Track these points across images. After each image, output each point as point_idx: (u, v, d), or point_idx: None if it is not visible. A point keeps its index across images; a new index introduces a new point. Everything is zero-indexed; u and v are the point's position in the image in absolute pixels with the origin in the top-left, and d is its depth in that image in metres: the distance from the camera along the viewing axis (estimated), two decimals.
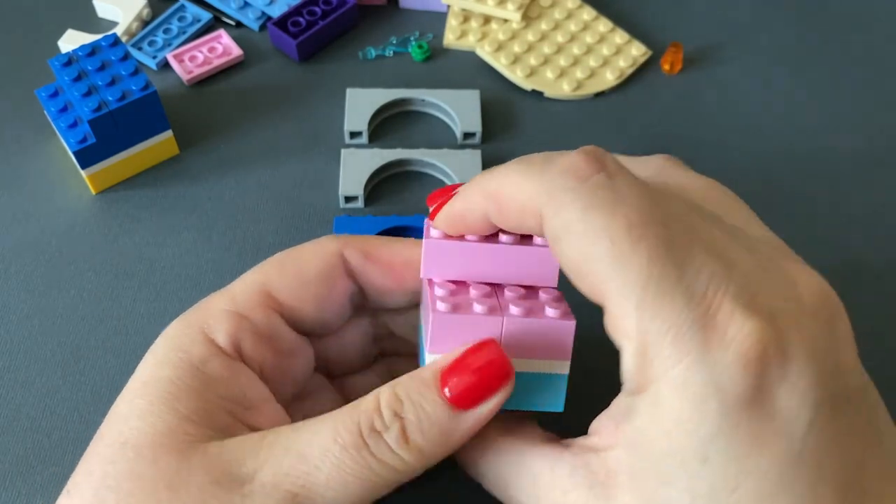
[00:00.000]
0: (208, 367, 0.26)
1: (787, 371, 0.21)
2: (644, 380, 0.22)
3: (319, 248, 0.30)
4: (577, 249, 0.23)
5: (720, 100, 0.48)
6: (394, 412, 0.25)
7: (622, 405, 0.23)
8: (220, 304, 0.28)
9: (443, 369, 0.25)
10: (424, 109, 0.47)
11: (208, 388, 0.26)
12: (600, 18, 0.50)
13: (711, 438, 0.21)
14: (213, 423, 0.25)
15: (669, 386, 0.22)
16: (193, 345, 0.27)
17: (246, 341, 0.28)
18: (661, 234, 0.22)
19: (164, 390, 0.26)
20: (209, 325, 0.27)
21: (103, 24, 0.51)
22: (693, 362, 0.21)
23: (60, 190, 0.43)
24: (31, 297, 0.40)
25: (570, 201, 0.23)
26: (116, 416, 0.26)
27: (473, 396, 0.25)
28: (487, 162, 0.44)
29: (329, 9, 0.49)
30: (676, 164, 0.29)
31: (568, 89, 0.47)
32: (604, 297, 0.23)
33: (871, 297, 0.40)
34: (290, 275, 0.29)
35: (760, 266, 0.23)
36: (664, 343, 0.22)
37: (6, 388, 0.37)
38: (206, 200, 0.43)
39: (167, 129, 0.43)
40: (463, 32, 0.50)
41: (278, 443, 0.25)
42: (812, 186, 0.44)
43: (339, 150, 0.44)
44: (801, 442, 0.21)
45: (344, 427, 0.25)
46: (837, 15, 0.53)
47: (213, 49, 0.49)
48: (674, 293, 0.22)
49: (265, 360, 0.28)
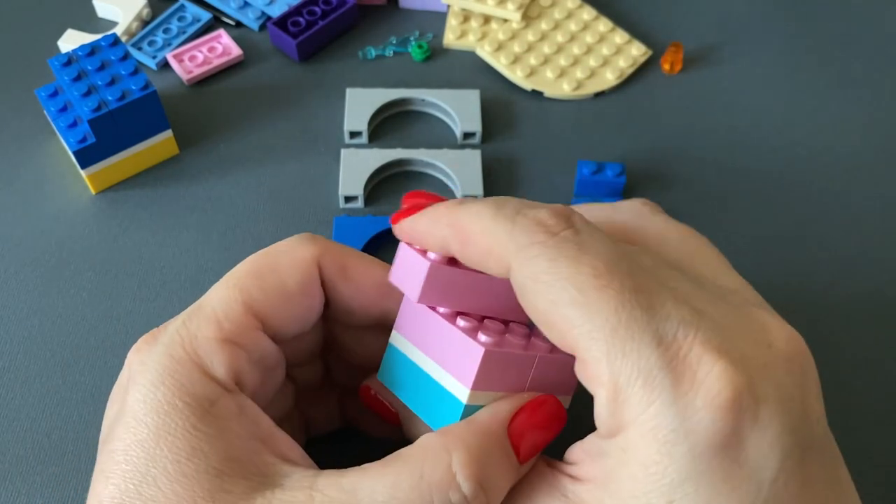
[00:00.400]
0: (218, 408, 0.24)
1: (758, 416, 0.22)
2: (616, 425, 0.22)
3: (297, 255, 0.28)
4: (545, 299, 0.23)
5: (720, 100, 0.48)
6: (478, 485, 0.23)
7: (594, 446, 0.24)
8: (208, 332, 0.25)
9: (510, 420, 0.25)
10: (424, 109, 0.47)
11: (227, 431, 0.24)
12: (600, 18, 0.50)
13: (679, 484, 0.21)
14: (246, 470, 0.24)
15: (639, 431, 0.22)
16: (195, 385, 0.24)
17: (244, 371, 0.26)
18: (628, 282, 0.23)
19: (186, 444, 0.23)
20: (203, 359, 0.25)
21: (103, 24, 0.51)
22: (662, 406, 0.21)
23: (60, 190, 0.43)
24: (31, 297, 0.40)
25: (538, 254, 0.23)
26: (137, 479, 0.23)
27: (538, 449, 0.25)
28: (487, 162, 0.44)
29: (329, 9, 0.49)
30: (654, 210, 0.29)
31: (568, 89, 0.47)
32: (574, 345, 0.23)
33: (872, 297, 0.40)
34: (272, 291, 0.27)
35: (730, 314, 0.23)
36: (634, 388, 0.22)
37: (6, 388, 0.37)
38: (206, 200, 0.43)
39: (167, 129, 0.43)
40: (463, 32, 0.50)
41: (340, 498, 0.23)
42: (812, 186, 0.44)
43: (339, 150, 0.44)
44: (768, 489, 0.21)
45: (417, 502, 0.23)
46: (837, 15, 0.53)
47: (213, 49, 0.49)
48: (642, 337, 0.22)
49: (256, 383, 0.27)
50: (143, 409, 0.24)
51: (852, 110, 0.48)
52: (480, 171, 0.43)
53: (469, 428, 0.24)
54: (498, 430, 0.24)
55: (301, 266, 0.27)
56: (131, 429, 0.24)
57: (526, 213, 0.24)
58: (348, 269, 0.28)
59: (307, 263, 0.28)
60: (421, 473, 0.23)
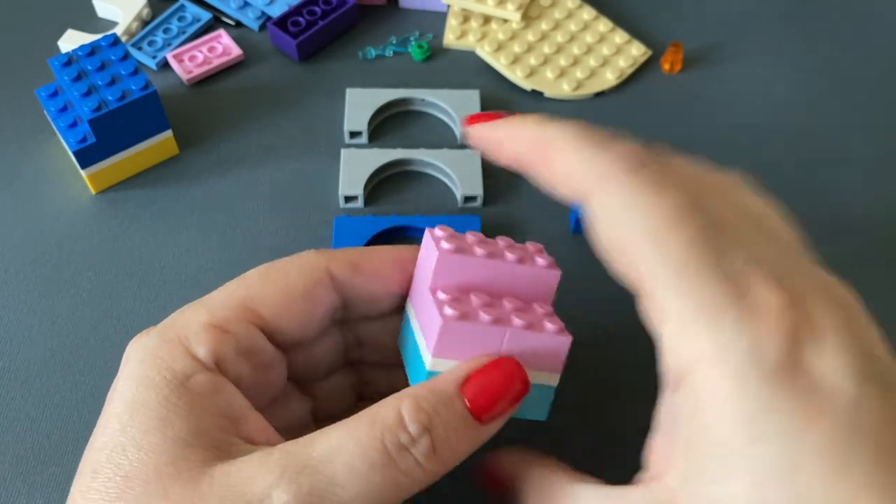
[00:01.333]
0: (193, 382, 0.25)
1: (821, 346, 0.21)
2: (685, 362, 0.22)
3: (306, 262, 0.29)
4: (621, 230, 0.24)
5: (720, 100, 0.48)
6: (422, 426, 0.24)
7: (666, 408, 0.24)
8: (199, 318, 0.27)
9: (463, 382, 0.26)
10: (424, 109, 0.47)
11: (197, 405, 0.25)
12: (600, 18, 0.50)
13: (759, 413, 0.21)
14: (210, 443, 0.25)
15: (709, 364, 0.22)
16: (175, 361, 0.26)
17: (227, 355, 0.27)
18: (700, 220, 0.23)
19: (155, 415, 0.25)
20: (188, 339, 0.26)
21: (103, 24, 0.51)
22: (732, 335, 0.21)
23: (60, 190, 0.43)
24: (31, 297, 0.40)
25: (620, 185, 0.24)
26: (109, 448, 0.25)
27: (496, 409, 0.25)
28: (487, 162, 0.44)
29: (329, 9, 0.49)
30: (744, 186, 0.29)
31: (568, 89, 0.47)
32: (641, 277, 0.23)
33: (872, 297, 0.40)
34: (277, 290, 0.28)
35: (791, 259, 0.24)
36: (701, 319, 0.22)
37: (6, 388, 0.37)
38: (206, 200, 0.43)
39: (167, 129, 0.43)
40: (463, 32, 0.50)
41: (293, 461, 0.24)
42: (812, 186, 0.44)
43: (339, 150, 0.44)
44: (855, 416, 0.21)
45: (370, 445, 0.24)
46: (837, 14, 0.53)
47: (213, 49, 0.49)
48: (711, 273, 0.22)
49: (243, 373, 0.27)
50: (125, 385, 0.25)
51: (852, 110, 0.48)
52: (480, 172, 0.43)
53: (422, 385, 0.26)
54: (449, 387, 0.25)
55: (308, 271, 0.29)
56: (112, 403, 0.25)
57: (612, 143, 0.25)
58: (359, 263, 0.29)
59: (315, 269, 0.29)
60: (374, 419, 0.24)
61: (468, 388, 0.25)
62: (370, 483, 0.24)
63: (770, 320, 0.22)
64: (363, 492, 0.24)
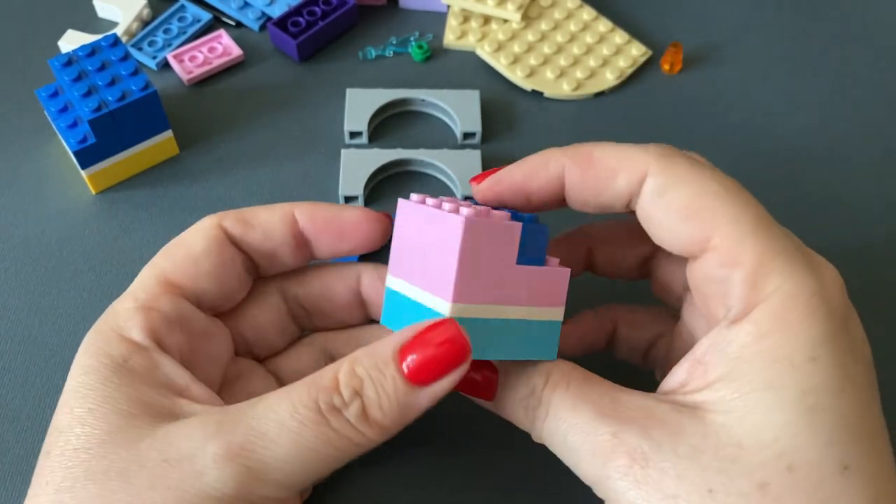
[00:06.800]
0: (131, 363, 0.27)
1: (852, 311, 0.26)
2: (755, 299, 0.25)
3: (200, 226, 0.31)
4: (688, 192, 0.26)
5: (720, 100, 0.48)
6: (353, 390, 0.25)
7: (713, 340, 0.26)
8: (126, 305, 0.29)
9: (402, 346, 0.26)
10: (424, 109, 0.47)
11: (136, 381, 0.27)
12: (600, 18, 0.50)
13: (821, 340, 0.24)
14: (155, 411, 0.26)
15: (781, 298, 0.24)
16: (111, 347, 0.28)
17: (160, 331, 0.28)
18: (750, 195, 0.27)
19: (98, 395, 0.26)
20: (121, 325, 0.28)
21: (103, 24, 0.51)
22: (805, 276, 0.25)
23: (60, 190, 0.43)
24: (31, 297, 0.40)
25: (678, 161, 0.27)
26: (59, 430, 0.26)
27: (432, 373, 0.26)
28: (487, 162, 0.44)
29: (329, 9, 0.49)
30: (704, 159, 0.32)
31: (568, 89, 0.47)
32: (715, 230, 0.26)
33: (871, 296, 0.40)
34: (181, 257, 0.30)
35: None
36: (777, 261, 0.25)
37: (6, 388, 0.37)
38: (206, 200, 0.43)
39: (167, 129, 0.43)
40: (463, 32, 0.50)
41: (229, 419, 0.25)
42: (812, 186, 0.44)
43: (339, 150, 0.44)
44: (871, 366, 0.26)
45: (302, 403, 0.25)
46: (837, 14, 0.53)
47: (213, 49, 0.49)
48: (776, 227, 0.26)
49: (182, 345, 0.29)
50: (71, 378, 0.28)
51: (853, 110, 0.48)
52: (481, 172, 0.43)
53: (364, 349, 0.26)
54: (385, 351, 0.26)
55: (203, 231, 0.31)
56: (63, 396, 0.27)
57: (646, 144, 0.28)
58: (247, 217, 0.31)
59: (209, 228, 0.31)
60: (312, 381, 0.26)
61: (405, 352, 0.26)
62: (301, 439, 0.25)
63: (829, 273, 0.26)
64: (295, 450, 0.25)
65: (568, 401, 0.27)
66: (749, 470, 0.23)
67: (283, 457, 0.25)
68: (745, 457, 0.24)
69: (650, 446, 0.24)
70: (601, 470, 0.25)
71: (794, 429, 0.23)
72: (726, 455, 0.24)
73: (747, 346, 0.25)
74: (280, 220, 0.31)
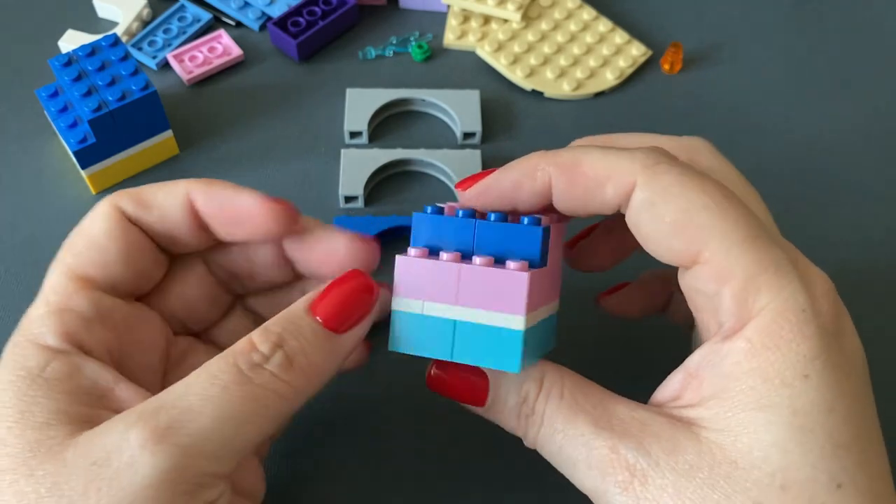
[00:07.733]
0: (48, 371, 0.26)
1: (846, 321, 0.26)
2: (745, 315, 0.25)
3: (96, 210, 0.30)
4: (676, 208, 0.25)
5: (720, 100, 0.48)
6: (273, 344, 0.26)
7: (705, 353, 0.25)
8: (38, 311, 0.28)
9: (312, 300, 0.27)
10: (424, 109, 0.47)
11: (55, 390, 0.26)
12: (600, 18, 0.50)
13: (811, 359, 0.24)
14: (75, 419, 0.25)
15: (771, 314, 0.24)
16: (26, 358, 0.26)
17: (78, 332, 0.27)
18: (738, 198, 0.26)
19: (15, 411, 0.25)
20: (35, 333, 0.27)
21: (103, 24, 0.51)
22: (795, 291, 0.24)
23: (60, 190, 0.43)
24: (32, 297, 0.39)
25: (668, 170, 0.26)
26: None
27: (344, 314, 0.27)
28: (487, 162, 0.44)
29: (329, 9, 0.49)
30: (713, 150, 0.31)
31: (568, 89, 0.47)
32: (704, 244, 0.25)
33: (872, 295, 0.40)
34: (83, 246, 0.29)
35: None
36: (767, 276, 0.24)
37: None
38: None
39: (167, 129, 0.43)
40: (463, 32, 0.50)
41: (150, 406, 0.25)
42: (812, 186, 0.44)
43: (339, 150, 0.44)
44: (866, 378, 0.26)
45: (220, 370, 0.25)
46: (837, 14, 0.53)
47: (213, 49, 0.49)
48: (767, 239, 0.25)
49: (107, 341, 0.28)
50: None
51: (853, 110, 0.48)
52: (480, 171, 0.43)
53: (277, 315, 0.27)
54: (297, 308, 0.27)
55: (100, 215, 0.29)
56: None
57: (635, 148, 0.27)
58: (142, 196, 0.30)
59: (106, 210, 0.29)
60: (228, 352, 0.26)
61: (317, 305, 0.27)
62: (226, 403, 0.24)
63: (821, 284, 0.25)
64: (222, 414, 0.24)
65: (563, 411, 0.26)
66: (744, 488, 0.24)
67: (211, 425, 0.24)
68: (739, 475, 0.24)
69: (648, 462, 0.25)
70: (599, 483, 0.25)
71: (785, 448, 0.24)
72: (721, 473, 0.24)
73: (739, 364, 0.24)
74: (176, 200, 0.30)
